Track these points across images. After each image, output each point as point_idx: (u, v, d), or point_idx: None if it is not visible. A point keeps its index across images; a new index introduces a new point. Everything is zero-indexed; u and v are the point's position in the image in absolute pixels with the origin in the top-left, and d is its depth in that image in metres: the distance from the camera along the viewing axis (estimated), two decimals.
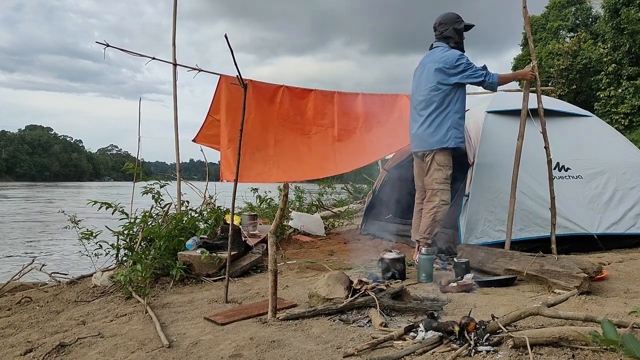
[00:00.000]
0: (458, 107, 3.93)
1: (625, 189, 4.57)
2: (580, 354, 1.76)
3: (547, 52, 20.88)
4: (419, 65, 4.14)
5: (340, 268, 3.79)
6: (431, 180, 3.98)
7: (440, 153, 3.94)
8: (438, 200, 3.93)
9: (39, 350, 2.40)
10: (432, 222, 3.92)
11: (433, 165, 3.97)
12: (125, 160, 6.16)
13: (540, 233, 4.10)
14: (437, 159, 3.96)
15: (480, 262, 3.52)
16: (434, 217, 3.93)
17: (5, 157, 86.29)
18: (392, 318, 2.45)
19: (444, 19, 4.02)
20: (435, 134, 3.91)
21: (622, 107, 16.69)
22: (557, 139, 4.22)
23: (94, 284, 3.78)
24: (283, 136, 5.15)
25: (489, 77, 3.84)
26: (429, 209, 3.97)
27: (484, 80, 3.84)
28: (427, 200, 4.02)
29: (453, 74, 3.85)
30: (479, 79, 3.85)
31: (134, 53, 4.96)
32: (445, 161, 3.95)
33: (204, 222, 4.50)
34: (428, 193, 4.03)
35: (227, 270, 3.16)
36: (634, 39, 16.43)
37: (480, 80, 3.85)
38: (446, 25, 4.00)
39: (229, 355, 2.07)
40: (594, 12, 22.68)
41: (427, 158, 4.00)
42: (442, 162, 3.95)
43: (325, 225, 6.54)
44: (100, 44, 4.50)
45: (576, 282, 2.78)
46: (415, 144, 4.12)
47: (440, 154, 3.95)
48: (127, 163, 4.65)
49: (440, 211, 3.93)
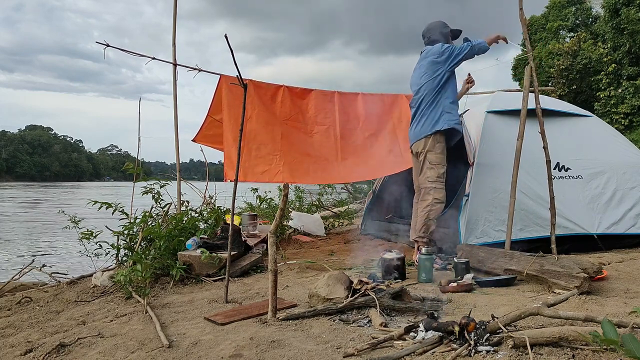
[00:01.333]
0: (449, 93, 4.03)
1: (625, 189, 4.57)
2: (580, 354, 1.76)
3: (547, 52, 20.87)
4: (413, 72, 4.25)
5: (340, 268, 3.79)
6: (424, 179, 4.03)
7: (432, 151, 4.00)
8: (431, 199, 3.96)
9: (39, 350, 2.41)
10: (426, 221, 3.95)
11: (425, 164, 4.03)
12: (125, 160, 6.16)
13: (540, 233, 4.10)
14: (429, 158, 4.01)
15: (480, 262, 3.52)
16: (428, 216, 3.95)
17: (5, 157, 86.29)
18: (392, 318, 2.45)
19: (431, 27, 4.19)
20: (429, 122, 4.01)
21: (622, 107, 16.68)
22: (557, 139, 4.22)
23: (94, 284, 3.78)
24: (288, 132, 5.14)
25: (475, 43, 3.96)
26: (422, 208, 4.01)
27: (472, 47, 3.95)
28: (421, 199, 4.06)
29: (444, 60, 3.96)
30: (467, 51, 3.96)
31: (134, 53, 4.97)
32: (437, 159, 4.00)
33: (204, 222, 4.50)
34: (422, 192, 4.07)
35: (227, 270, 3.16)
36: (634, 39, 16.41)
37: (469, 51, 3.96)
38: (433, 32, 4.16)
39: (229, 355, 2.07)
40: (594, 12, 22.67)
41: (421, 157, 4.07)
42: (434, 161, 4.00)
43: (325, 225, 6.54)
44: (101, 44, 4.50)
45: (576, 282, 2.78)
46: (411, 139, 4.21)
47: (432, 151, 4.00)
48: (127, 163, 4.65)
49: (434, 209, 3.96)
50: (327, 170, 5.21)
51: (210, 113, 5.21)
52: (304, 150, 5.14)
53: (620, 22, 16.50)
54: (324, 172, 5.22)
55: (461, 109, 4.79)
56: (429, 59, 4.01)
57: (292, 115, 5.20)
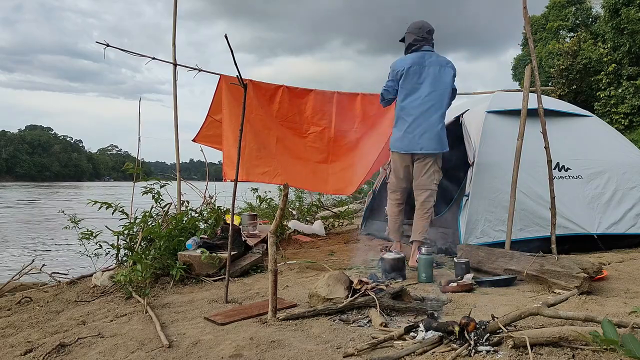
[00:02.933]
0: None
1: (625, 189, 4.56)
2: (580, 354, 1.76)
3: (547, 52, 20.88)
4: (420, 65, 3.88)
5: (340, 268, 3.78)
6: (430, 181, 3.94)
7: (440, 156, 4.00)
8: (433, 201, 3.96)
9: (39, 350, 2.41)
10: (428, 223, 3.95)
11: (434, 166, 3.94)
12: (125, 160, 6.16)
13: (540, 233, 4.09)
14: (438, 162, 3.98)
15: (480, 262, 3.52)
16: (430, 218, 3.96)
17: (5, 157, 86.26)
18: (392, 318, 2.45)
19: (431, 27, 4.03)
20: (445, 136, 3.93)
21: (622, 107, 16.68)
22: (557, 139, 4.22)
23: (94, 284, 3.78)
24: (284, 135, 5.17)
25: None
26: (426, 210, 3.93)
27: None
28: (424, 201, 3.94)
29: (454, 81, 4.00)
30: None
31: (134, 53, 4.97)
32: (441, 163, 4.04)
33: (204, 222, 4.50)
34: (424, 194, 3.94)
35: (227, 270, 3.16)
36: (634, 39, 16.41)
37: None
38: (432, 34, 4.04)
39: (229, 355, 2.07)
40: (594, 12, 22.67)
41: (429, 159, 3.93)
42: (440, 164, 4.01)
43: (325, 225, 6.54)
44: (101, 44, 4.50)
45: (576, 282, 2.78)
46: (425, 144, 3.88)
47: (440, 156, 4.00)
48: (127, 163, 4.65)
49: (433, 211, 4.00)
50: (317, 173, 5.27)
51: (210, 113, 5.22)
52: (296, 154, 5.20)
53: (620, 22, 16.49)
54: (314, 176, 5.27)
55: (461, 109, 4.79)
56: (454, 72, 3.94)
57: (289, 116, 5.22)
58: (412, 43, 3.96)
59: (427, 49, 3.96)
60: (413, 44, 3.96)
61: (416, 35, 3.95)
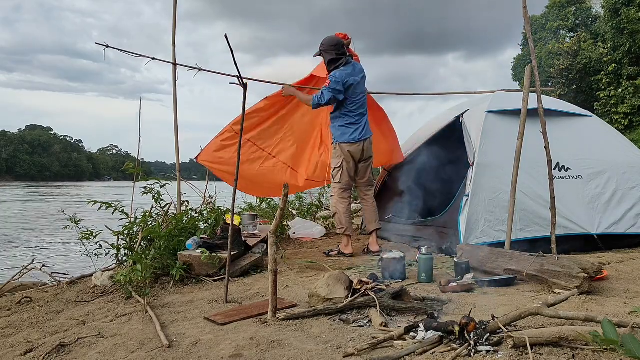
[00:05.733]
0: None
1: (625, 189, 4.56)
2: (580, 354, 1.76)
3: (547, 52, 20.87)
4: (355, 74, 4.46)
5: (340, 268, 3.79)
6: (370, 177, 4.70)
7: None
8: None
9: (39, 350, 2.41)
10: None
11: (370, 165, 4.68)
12: (125, 160, 6.15)
13: (540, 233, 4.09)
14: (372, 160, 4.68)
15: (480, 262, 3.51)
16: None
17: (5, 157, 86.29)
18: (392, 318, 2.45)
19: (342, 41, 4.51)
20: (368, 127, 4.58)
21: (622, 107, 16.68)
22: (557, 138, 4.21)
23: (94, 284, 3.78)
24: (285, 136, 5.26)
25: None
26: (374, 200, 4.73)
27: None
28: (369, 192, 4.72)
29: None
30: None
31: (134, 53, 4.95)
32: None
33: (204, 222, 4.50)
34: (369, 186, 4.70)
35: (227, 270, 3.16)
36: (634, 39, 16.41)
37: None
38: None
39: (229, 355, 2.07)
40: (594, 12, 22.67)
41: (369, 159, 4.59)
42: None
43: (325, 225, 6.53)
44: (100, 45, 4.49)
45: (576, 282, 2.78)
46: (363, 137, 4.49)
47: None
48: (127, 163, 4.64)
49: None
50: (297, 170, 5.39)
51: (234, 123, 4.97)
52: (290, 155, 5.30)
53: (620, 22, 16.50)
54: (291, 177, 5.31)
55: (461, 108, 4.80)
56: (364, 77, 4.57)
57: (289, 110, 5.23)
58: (336, 58, 4.44)
59: (350, 60, 4.49)
60: (337, 59, 4.44)
61: (336, 51, 4.43)
